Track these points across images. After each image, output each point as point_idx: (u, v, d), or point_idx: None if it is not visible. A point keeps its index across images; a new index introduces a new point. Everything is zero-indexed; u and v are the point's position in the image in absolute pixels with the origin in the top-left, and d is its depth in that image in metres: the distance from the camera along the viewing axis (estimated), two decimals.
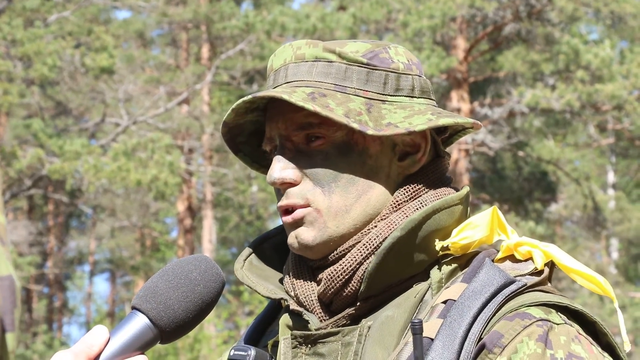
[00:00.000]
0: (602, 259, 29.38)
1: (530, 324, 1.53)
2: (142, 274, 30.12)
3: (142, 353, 1.48)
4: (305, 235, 1.66)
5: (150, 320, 1.48)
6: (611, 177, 30.61)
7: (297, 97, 1.62)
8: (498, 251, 1.67)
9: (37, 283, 32.82)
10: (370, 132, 1.62)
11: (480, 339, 1.53)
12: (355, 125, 1.61)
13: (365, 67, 1.68)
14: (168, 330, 1.49)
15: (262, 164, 1.81)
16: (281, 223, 1.74)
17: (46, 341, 29.43)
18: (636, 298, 25.54)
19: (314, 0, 27.16)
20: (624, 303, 24.87)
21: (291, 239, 1.68)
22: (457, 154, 22.44)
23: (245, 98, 1.66)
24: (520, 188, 25.81)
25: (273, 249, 1.79)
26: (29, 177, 21.76)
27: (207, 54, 25.91)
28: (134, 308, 1.49)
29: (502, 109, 22.31)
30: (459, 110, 22.25)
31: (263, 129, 1.76)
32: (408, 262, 1.63)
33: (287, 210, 1.68)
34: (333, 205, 1.65)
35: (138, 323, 1.48)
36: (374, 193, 1.66)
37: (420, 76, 1.73)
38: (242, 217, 29.30)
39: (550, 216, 26.14)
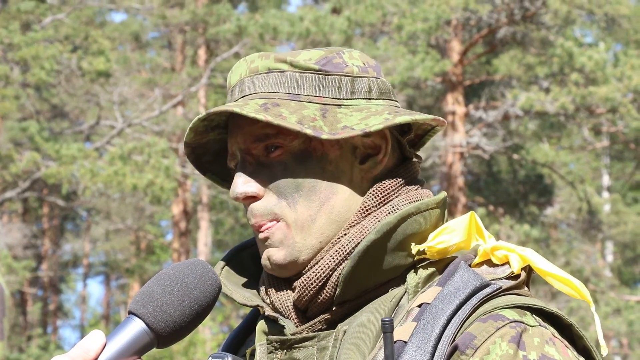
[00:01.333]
0: (597, 262, 29.38)
1: (503, 326, 1.53)
2: (137, 276, 30.08)
3: (139, 357, 1.49)
4: (276, 255, 1.65)
5: (147, 324, 1.49)
6: (606, 180, 30.62)
7: (249, 109, 1.62)
8: (476, 256, 1.67)
9: (31, 286, 32.78)
10: (324, 136, 1.62)
11: (453, 341, 1.53)
12: (308, 131, 1.61)
13: (318, 74, 1.68)
14: (164, 334, 1.49)
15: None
16: None
17: (41, 344, 29.37)
18: (631, 301, 25.53)
19: (310, 3, 27.16)
20: (618, 306, 24.83)
21: (264, 260, 1.68)
22: (451, 157, 22.45)
23: (199, 116, 1.66)
24: (516, 191, 25.80)
25: (251, 258, 1.78)
26: (24, 180, 21.72)
27: (203, 56, 25.88)
28: (130, 313, 1.50)
29: (496, 112, 22.32)
30: (453, 113, 22.26)
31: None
32: (384, 266, 1.63)
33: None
34: (299, 217, 1.64)
35: (134, 328, 1.48)
36: (338, 199, 1.66)
37: (377, 78, 1.72)
38: (237, 220, 29.28)
39: (545, 219, 26.13)
